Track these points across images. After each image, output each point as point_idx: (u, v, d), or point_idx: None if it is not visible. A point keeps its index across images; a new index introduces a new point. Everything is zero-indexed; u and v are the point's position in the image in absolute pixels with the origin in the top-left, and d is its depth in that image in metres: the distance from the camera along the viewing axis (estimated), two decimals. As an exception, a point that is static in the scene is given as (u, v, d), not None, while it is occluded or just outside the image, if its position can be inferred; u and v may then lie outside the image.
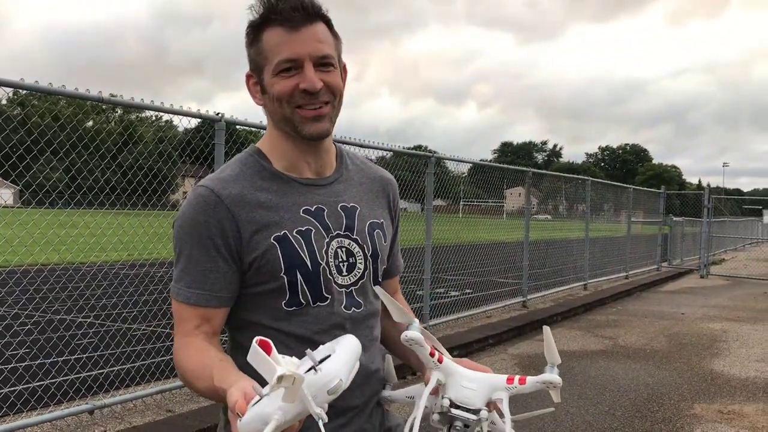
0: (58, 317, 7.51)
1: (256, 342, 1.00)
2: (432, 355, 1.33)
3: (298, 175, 1.50)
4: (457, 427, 1.33)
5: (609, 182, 18.50)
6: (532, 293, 11.41)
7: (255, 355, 1.00)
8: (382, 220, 1.61)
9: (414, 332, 1.29)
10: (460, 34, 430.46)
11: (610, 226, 17.77)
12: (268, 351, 1.00)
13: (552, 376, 1.32)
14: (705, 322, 10.47)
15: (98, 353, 6.42)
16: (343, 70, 1.52)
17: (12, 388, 4.96)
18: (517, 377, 1.35)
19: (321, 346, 1.14)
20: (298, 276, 1.43)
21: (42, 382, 5.24)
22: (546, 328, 1.33)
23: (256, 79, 1.48)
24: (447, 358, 1.36)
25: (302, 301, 1.44)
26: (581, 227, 14.34)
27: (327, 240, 1.47)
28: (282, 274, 1.42)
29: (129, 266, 12.08)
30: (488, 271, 11.51)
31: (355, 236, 1.52)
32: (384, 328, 1.66)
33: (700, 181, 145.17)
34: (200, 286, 1.40)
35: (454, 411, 1.33)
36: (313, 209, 1.48)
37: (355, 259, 1.51)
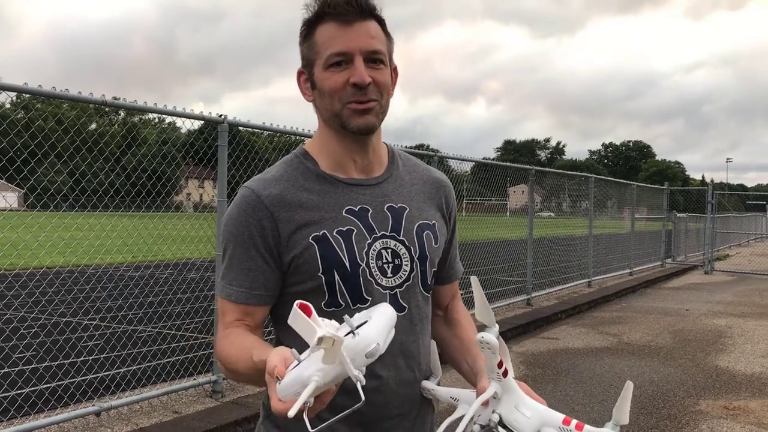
0: (64, 320, 7.55)
1: (296, 305, 1.01)
2: (499, 366, 1.26)
3: (344, 174, 1.49)
4: None
5: (612, 179, 18.48)
6: (537, 291, 11.41)
7: (295, 317, 1.01)
8: (433, 222, 1.57)
9: (492, 336, 1.22)
10: (476, 29, 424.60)
11: (614, 223, 17.74)
12: (308, 314, 1.01)
13: None
14: (710, 318, 10.46)
15: (104, 355, 6.44)
16: (394, 71, 1.51)
17: (19, 391, 4.98)
18: (574, 421, 1.27)
19: (357, 314, 1.14)
20: (336, 276, 1.41)
21: (48, 385, 5.26)
22: (628, 385, 1.22)
23: (306, 75, 1.48)
24: (511, 376, 1.30)
25: (341, 302, 1.42)
26: (585, 224, 14.33)
27: (369, 241, 1.45)
28: (320, 274, 1.41)
29: (134, 268, 12.11)
30: (492, 269, 11.50)
31: (401, 237, 1.49)
32: (444, 337, 1.64)
33: (703, 177, 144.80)
34: (241, 283, 1.43)
35: (501, 430, 1.27)
36: (357, 209, 1.46)
37: (401, 261, 1.48)
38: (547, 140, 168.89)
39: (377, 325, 1.09)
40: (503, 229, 13.15)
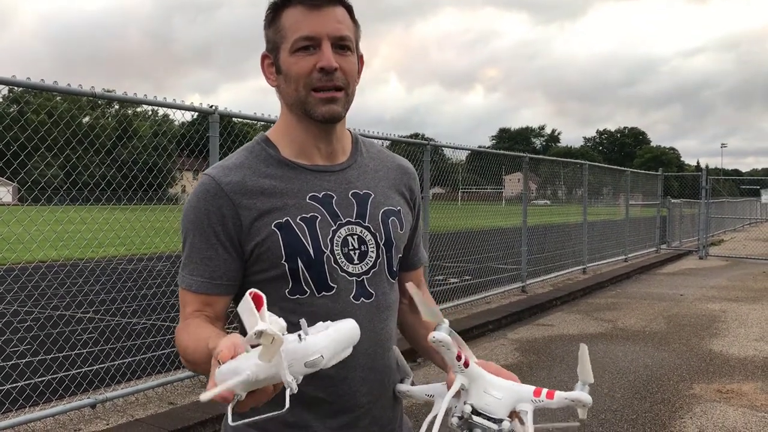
0: (58, 313, 7.53)
1: (249, 294, 0.98)
2: (459, 358, 1.27)
3: (307, 161, 1.47)
4: None
5: (606, 166, 18.48)
6: (531, 278, 11.43)
7: (244, 306, 0.98)
8: (398, 208, 1.56)
9: (442, 334, 1.23)
10: (475, 16, 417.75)
11: (609, 210, 17.77)
12: (258, 305, 0.97)
13: (582, 394, 1.28)
14: (704, 303, 10.50)
15: (99, 348, 6.44)
16: (360, 60, 1.50)
17: (14, 385, 4.98)
18: (544, 390, 1.30)
19: (320, 323, 1.11)
20: (300, 264, 1.39)
21: (43, 378, 5.26)
22: (583, 347, 1.28)
23: (271, 60, 1.46)
24: (473, 363, 1.31)
25: (306, 289, 1.40)
26: (580, 211, 14.35)
27: (334, 227, 1.43)
28: (283, 262, 1.39)
29: (127, 261, 12.09)
30: (487, 257, 11.52)
31: (367, 224, 1.48)
32: (411, 325, 1.64)
33: (698, 163, 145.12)
34: (201, 273, 1.40)
35: (475, 418, 1.28)
36: (320, 196, 1.45)
37: (367, 247, 1.47)
38: (542, 128, 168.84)
39: (328, 337, 1.05)
40: (498, 217, 13.18)
